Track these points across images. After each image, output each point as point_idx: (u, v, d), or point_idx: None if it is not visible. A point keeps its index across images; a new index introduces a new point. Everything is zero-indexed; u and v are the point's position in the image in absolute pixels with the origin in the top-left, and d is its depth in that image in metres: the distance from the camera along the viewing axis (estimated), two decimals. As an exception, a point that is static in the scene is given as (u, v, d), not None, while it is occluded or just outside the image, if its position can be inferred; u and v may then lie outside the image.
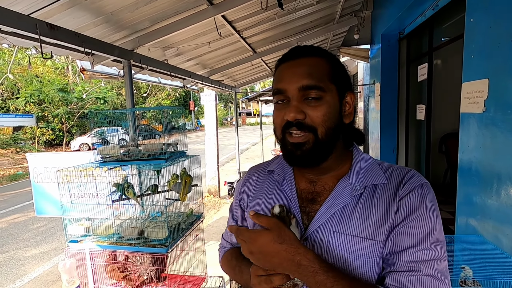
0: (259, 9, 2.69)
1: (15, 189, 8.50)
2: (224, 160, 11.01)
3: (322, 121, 0.64)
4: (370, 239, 0.63)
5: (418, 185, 0.65)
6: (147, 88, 18.15)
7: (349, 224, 0.65)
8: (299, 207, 0.70)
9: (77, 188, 1.93)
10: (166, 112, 2.01)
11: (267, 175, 0.81)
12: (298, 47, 0.69)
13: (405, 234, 0.61)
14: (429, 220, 0.62)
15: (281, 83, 0.66)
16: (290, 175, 0.75)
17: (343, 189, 0.68)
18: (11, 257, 4.18)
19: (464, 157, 2.20)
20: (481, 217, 1.98)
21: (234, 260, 0.82)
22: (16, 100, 14.67)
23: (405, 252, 0.60)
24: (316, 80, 0.64)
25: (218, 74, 4.70)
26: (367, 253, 0.63)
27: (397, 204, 0.63)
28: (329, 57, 0.68)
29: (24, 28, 1.54)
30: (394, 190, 0.66)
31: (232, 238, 0.88)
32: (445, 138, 4.52)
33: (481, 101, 1.95)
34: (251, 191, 0.81)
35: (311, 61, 0.66)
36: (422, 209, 0.62)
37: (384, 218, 0.63)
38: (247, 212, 0.79)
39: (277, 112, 0.68)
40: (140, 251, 1.69)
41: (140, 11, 2.20)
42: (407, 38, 4.55)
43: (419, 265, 0.58)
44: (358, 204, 0.66)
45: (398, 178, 0.67)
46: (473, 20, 2.08)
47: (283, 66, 0.68)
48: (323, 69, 0.66)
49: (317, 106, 0.64)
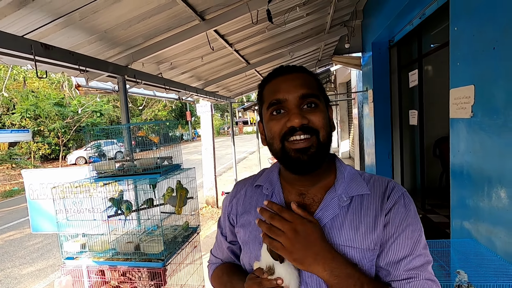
0: (250, 23, 2.76)
1: (10, 206, 8.40)
2: (222, 170, 11.00)
3: (323, 124, 0.68)
4: (360, 248, 0.67)
5: (400, 196, 0.70)
6: (143, 100, 18.22)
7: (340, 235, 0.67)
8: None
9: (72, 204, 1.94)
10: (163, 124, 2.03)
11: (255, 189, 0.81)
12: (283, 67, 0.74)
13: (398, 247, 0.66)
14: (415, 228, 0.68)
15: (279, 94, 0.68)
16: (278, 189, 0.76)
17: (331, 200, 0.70)
18: (6, 275, 4.12)
19: (455, 161, 2.24)
20: (475, 220, 2.01)
21: (225, 276, 0.81)
22: (12, 115, 14.64)
23: (402, 262, 0.65)
24: (312, 90, 0.69)
25: (213, 85, 4.76)
26: (356, 262, 0.66)
27: (385, 217, 0.68)
28: (313, 75, 0.74)
29: (19, 49, 1.57)
30: (380, 201, 0.70)
31: (222, 254, 0.87)
32: (438, 142, 4.58)
33: (468, 107, 2.00)
34: (239, 206, 0.81)
35: (303, 75, 0.71)
36: (408, 219, 0.68)
37: (373, 228, 0.67)
38: (237, 228, 0.80)
39: (274, 122, 0.69)
40: (137, 266, 1.69)
41: (134, 28, 2.25)
42: (397, 45, 4.65)
43: (417, 272, 0.65)
44: (347, 215, 0.69)
45: (381, 188, 0.72)
46: (457, 29, 2.14)
47: (276, 80, 0.71)
48: (314, 83, 0.72)
49: (316, 112, 0.68)
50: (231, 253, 0.85)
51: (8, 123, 14.86)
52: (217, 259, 0.89)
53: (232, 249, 0.85)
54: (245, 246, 0.77)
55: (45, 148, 15.57)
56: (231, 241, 0.84)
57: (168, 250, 1.73)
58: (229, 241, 0.84)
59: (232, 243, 0.84)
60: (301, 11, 3.15)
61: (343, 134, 10.53)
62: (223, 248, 0.86)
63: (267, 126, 0.70)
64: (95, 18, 1.94)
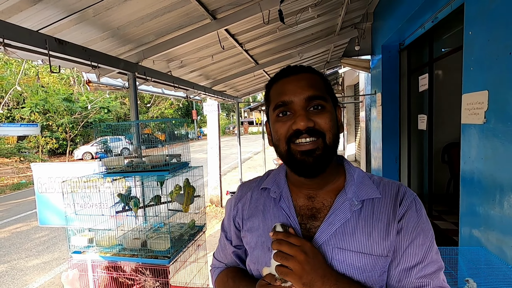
0: (261, 23, 2.75)
1: (18, 198, 8.52)
2: (226, 169, 11.02)
3: (329, 127, 0.66)
4: (373, 255, 0.65)
5: (412, 201, 0.69)
6: (151, 98, 18.35)
7: (352, 241, 0.66)
8: (299, 224, 0.70)
9: (81, 198, 1.95)
10: (170, 122, 2.04)
11: (261, 192, 0.79)
12: (290, 67, 0.72)
13: (411, 253, 0.65)
14: (428, 234, 0.67)
15: (285, 96, 0.67)
16: (286, 192, 0.74)
17: (342, 204, 0.69)
18: (12, 267, 4.17)
19: (466, 167, 2.20)
20: (485, 228, 1.97)
21: (231, 281, 0.78)
22: (22, 109, 14.88)
23: (414, 269, 0.65)
24: (319, 91, 0.67)
25: (220, 84, 4.77)
26: (369, 268, 0.65)
27: (398, 223, 0.67)
28: (321, 75, 0.72)
29: (34, 43, 1.59)
30: (392, 206, 0.69)
31: (226, 258, 0.85)
32: (447, 148, 4.52)
33: (481, 113, 1.96)
34: (245, 209, 0.79)
35: (310, 75, 0.69)
36: (421, 224, 0.67)
37: (385, 234, 0.66)
38: (243, 232, 0.78)
39: (280, 124, 0.67)
40: (143, 262, 1.69)
41: (145, 26, 2.26)
42: (408, 49, 4.60)
43: (428, 280, 0.64)
44: (359, 220, 0.67)
45: (392, 192, 0.71)
46: (471, 33, 2.11)
47: (283, 81, 0.70)
48: (321, 83, 0.70)
49: (323, 114, 0.66)
50: (236, 257, 0.83)
51: (17, 117, 15.10)
52: (221, 263, 0.86)
53: (237, 254, 0.82)
54: (252, 251, 0.74)
55: (53, 143, 15.77)
56: (237, 245, 0.82)
57: (174, 247, 1.74)
58: (235, 245, 0.82)
59: (237, 247, 0.82)
60: (313, 12, 3.14)
61: (350, 137, 10.46)
62: (228, 252, 0.83)
63: (273, 128, 0.69)
64: (108, 15, 1.95)
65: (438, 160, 4.51)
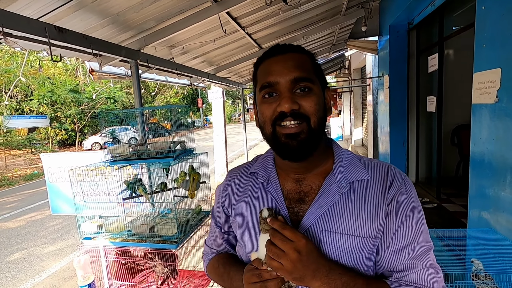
0: (263, 5, 2.68)
1: (31, 188, 8.76)
2: (233, 156, 11.07)
3: (314, 110, 0.64)
4: (361, 237, 0.65)
5: (401, 182, 0.68)
6: (156, 86, 18.33)
7: (341, 223, 0.65)
8: (286, 208, 0.69)
9: (89, 186, 1.99)
10: (175, 110, 2.03)
11: (249, 177, 0.78)
12: (279, 45, 0.69)
13: (402, 235, 0.65)
14: (418, 214, 0.66)
15: (271, 76, 0.65)
16: (274, 176, 0.74)
17: (331, 187, 0.68)
18: (29, 253, 4.34)
19: (476, 149, 2.15)
20: (494, 210, 1.94)
21: (221, 267, 0.79)
22: (30, 101, 15.07)
23: (404, 250, 0.64)
24: (306, 73, 0.65)
25: (224, 71, 4.71)
26: (357, 250, 0.65)
27: (388, 205, 0.66)
28: (309, 54, 0.70)
29: (34, 32, 1.57)
30: (381, 187, 0.68)
31: (216, 244, 0.85)
32: (457, 130, 4.42)
33: (494, 92, 1.89)
34: (234, 195, 0.78)
35: (298, 56, 0.67)
36: (410, 205, 0.66)
37: (374, 216, 0.65)
38: (232, 218, 0.77)
39: (266, 105, 0.66)
40: (151, 247, 1.73)
41: (145, 11, 2.22)
42: (417, 28, 4.44)
43: (418, 261, 0.64)
44: (347, 202, 0.66)
45: (381, 174, 0.69)
46: (484, 8, 2.01)
47: (270, 61, 0.67)
48: (309, 64, 0.67)
49: (309, 97, 0.64)
50: (226, 243, 0.83)
51: (26, 109, 15.32)
52: (212, 249, 0.87)
53: (228, 240, 0.82)
54: (241, 237, 0.74)
55: (62, 134, 16.02)
56: (226, 231, 0.82)
57: (181, 232, 1.76)
58: (224, 231, 0.82)
59: (227, 233, 0.82)
60: (317, -8, 3.03)
61: (357, 121, 10.33)
62: (218, 238, 0.83)
63: (259, 109, 0.68)
64: (106, 0, 1.92)
65: (447, 142, 4.43)
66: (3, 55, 12.45)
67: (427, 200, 3.99)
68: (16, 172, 11.26)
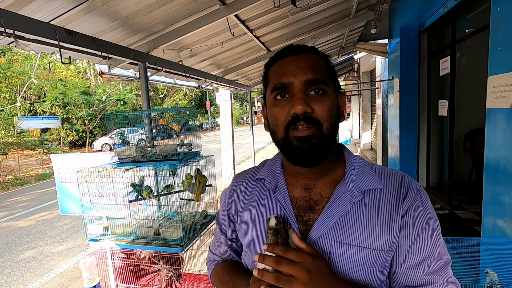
0: (272, 7, 2.66)
1: (43, 188, 8.94)
2: (240, 159, 11.07)
3: (327, 115, 0.61)
4: (373, 249, 0.62)
5: (417, 193, 0.65)
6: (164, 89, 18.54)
7: (352, 234, 0.62)
8: (295, 217, 0.66)
9: (96, 188, 2.00)
10: (184, 112, 2.03)
11: (256, 183, 0.75)
12: (292, 45, 0.66)
13: (418, 248, 0.62)
14: (434, 227, 0.64)
15: (284, 77, 0.62)
16: (282, 183, 0.70)
17: (342, 195, 0.65)
18: (39, 252, 4.40)
19: (490, 155, 2.08)
20: (510, 218, 1.87)
21: (226, 275, 0.76)
22: (43, 103, 15.42)
23: (422, 265, 0.61)
24: (320, 75, 0.62)
25: (232, 73, 4.72)
26: (370, 263, 0.62)
27: (403, 217, 0.63)
28: (324, 56, 0.67)
29: (44, 35, 1.60)
30: (395, 198, 0.64)
31: (221, 251, 0.83)
32: (470, 135, 4.30)
33: (509, 96, 1.83)
34: (240, 201, 0.76)
35: (312, 56, 0.64)
36: (426, 217, 0.64)
37: (388, 228, 0.62)
38: (238, 225, 0.75)
39: (279, 108, 0.63)
40: (156, 250, 1.72)
41: (154, 14, 2.23)
42: (428, 30, 4.36)
43: (437, 276, 0.61)
44: (359, 212, 0.63)
45: (395, 183, 0.66)
46: (500, 9, 1.95)
47: (283, 61, 0.65)
48: (323, 66, 0.65)
49: (322, 100, 0.62)
50: (231, 250, 0.80)
51: (39, 110, 15.68)
52: (217, 256, 0.84)
53: (233, 247, 0.80)
54: (247, 245, 0.71)
55: (73, 135, 16.32)
56: (232, 238, 0.79)
57: (187, 236, 1.75)
58: (229, 238, 0.79)
59: (232, 240, 0.79)
60: (326, -6, 3.00)
61: (365, 125, 10.20)
62: (223, 245, 0.81)
63: (270, 111, 0.65)
64: (116, 4, 1.93)
65: (460, 147, 4.31)
66: (18, 57, 12.80)
67: (438, 206, 3.88)
68: (28, 172, 11.51)
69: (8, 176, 10.77)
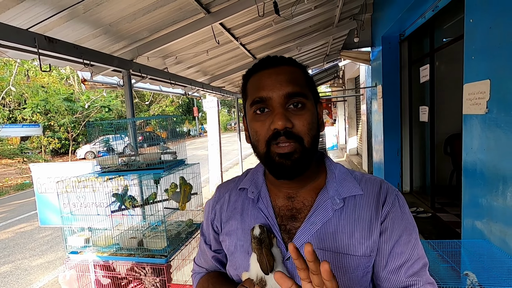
0: (256, 16, 2.70)
1: (22, 199, 8.57)
2: (228, 166, 11.01)
3: (307, 129, 0.62)
4: (355, 255, 0.63)
5: (395, 198, 0.67)
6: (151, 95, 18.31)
7: (334, 241, 0.63)
8: (278, 226, 0.66)
9: (77, 198, 1.94)
10: (170, 119, 2.02)
11: (239, 193, 0.75)
12: (270, 57, 0.67)
13: (398, 252, 0.64)
14: (412, 230, 0.66)
15: (263, 91, 0.62)
16: (265, 192, 0.71)
17: (324, 203, 0.66)
18: (17, 267, 4.20)
19: (468, 159, 2.16)
20: (488, 220, 1.93)
21: (212, 287, 0.75)
22: (23, 110, 14.92)
23: (403, 268, 0.63)
24: (299, 87, 0.62)
25: (219, 80, 4.73)
26: (352, 269, 0.63)
27: (382, 222, 0.65)
28: (302, 67, 0.68)
29: (23, 42, 1.55)
30: (374, 203, 0.66)
31: (206, 263, 0.82)
32: (450, 139, 4.45)
33: (483, 102, 1.91)
34: (223, 212, 0.75)
35: (290, 69, 0.64)
36: (404, 221, 0.66)
37: (368, 233, 0.64)
38: (222, 236, 0.74)
39: (259, 123, 0.63)
40: (140, 261, 1.68)
41: (138, 22, 2.22)
42: (408, 39, 4.52)
43: (417, 277, 0.63)
44: (340, 219, 0.64)
45: (374, 189, 0.68)
46: (472, 21, 2.05)
47: (261, 74, 0.64)
48: (302, 78, 0.65)
49: (302, 114, 0.62)
50: (216, 261, 0.79)
51: (19, 117, 15.15)
52: (202, 268, 0.83)
53: (218, 258, 0.79)
54: (231, 256, 0.71)
55: (55, 143, 15.82)
56: (216, 249, 0.78)
57: (171, 246, 1.72)
58: (214, 250, 0.78)
59: (217, 251, 0.78)
60: (309, 4, 3.08)
61: (351, 130, 10.39)
62: (208, 257, 0.80)
63: (251, 125, 0.65)
64: (99, 11, 1.91)
65: (441, 152, 4.46)
66: (-4, 63, 12.38)
67: (421, 209, 3.98)
68: (6, 182, 11.03)
69: (-15, 187, 10.30)
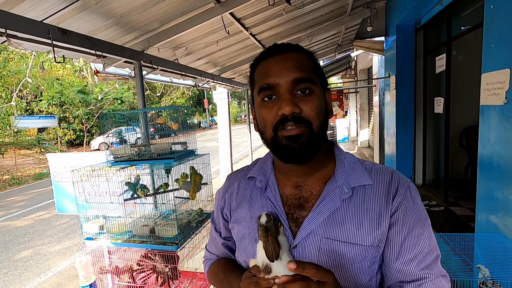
0: (267, 5, 2.66)
1: (40, 188, 8.91)
2: (238, 157, 11.07)
3: (316, 114, 0.62)
4: (362, 245, 0.63)
5: (406, 189, 0.66)
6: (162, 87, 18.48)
7: (342, 230, 0.63)
8: (285, 214, 0.67)
9: (91, 187, 1.99)
10: (181, 111, 2.04)
11: (248, 181, 0.76)
12: (277, 45, 0.66)
13: (410, 244, 0.63)
14: (425, 222, 0.65)
15: (270, 78, 0.62)
16: (273, 181, 0.71)
17: (332, 192, 0.65)
18: (36, 252, 4.40)
19: (484, 151, 2.10)
20: (503, 214, 1.89)
21: (221, 273, 0.77)
22: (39, 102, 15.33)
23: (415, 260, 0.63)
24: (306, 73, 0.62)
25: (229, 72, 4.71)
26: (359, 259, 0.63)
27: (393, 213, 0.64)
28: (309, 53, 0.67)
29: (37, 33, 1.59)
30: (385, 194, 0.65)
31: (217, 250, 0.84)
32: (466, 132, 4.32)
33: (502, 93, 1.84)
34: (233, 200, 0.77)
35: (297, 55, 0.64)
36: (416, 213, 0.65)
37: (377, 224, 0.63)
38: (231, 223, 0.76)
39: (267, 110, 0.63)
40: (151, 248, 1.73)
41: (149, 12, 2.23)
42: (424, 28, 4.37)
43: (429, 270, 0.62)
44: (349, 208, 0.64)
45: (385, 180, 0.67)
46: (493, 7, 1.96)
47: (268, 62, 0.65)
48: (309, 64, 0.65)
49: (310, 99, 0.62)
50: (226, 249, 0.81)
51: (36, 109, 15.59)
52: (213, 255, 0.85)
53: (227, 245, 0.81)
54: (240, 243, 0.72)
55: (70, 134, 16.25)
56: (226, 237, 0.80)
57: (182, 234, 1.76)
58: (224, 237, 0.80)
59: (227, 239, 0.80)
60: (321, -8, 3.00)
61: (363, 122, 10.22)
62: (218, 244, 0.82)
63: (258, 113, 0.65)
64: (110, 2, 1.93)
65: (455, 144, 4.34)
66: (13, 56, 12.70)
67: (434, 203, 3.91)
68: (25, 172, 11.46)
69: (5, 176, 10.73)
